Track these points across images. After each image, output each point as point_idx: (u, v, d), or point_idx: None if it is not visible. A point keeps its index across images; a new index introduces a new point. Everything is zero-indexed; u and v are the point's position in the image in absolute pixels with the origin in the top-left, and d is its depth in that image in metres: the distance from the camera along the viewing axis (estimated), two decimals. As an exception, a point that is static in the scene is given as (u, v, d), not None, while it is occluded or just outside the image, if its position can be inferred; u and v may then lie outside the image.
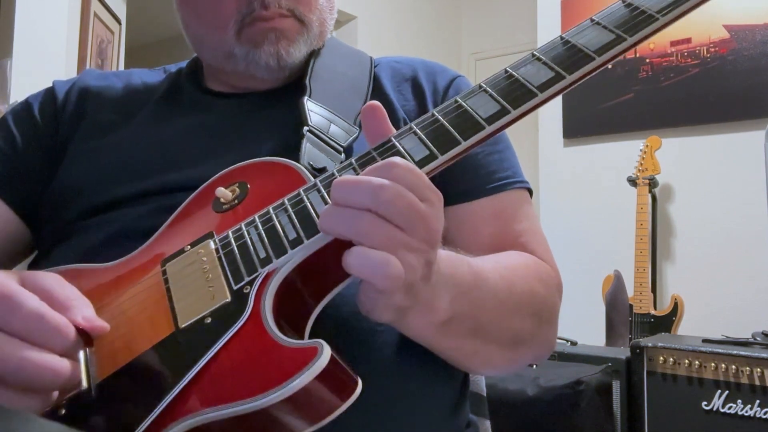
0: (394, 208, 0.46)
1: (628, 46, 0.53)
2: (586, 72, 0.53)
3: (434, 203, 0.49)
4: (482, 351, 0.63)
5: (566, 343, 2.10)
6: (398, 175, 0.48)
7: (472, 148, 0.53)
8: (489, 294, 0.60)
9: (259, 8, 0.72)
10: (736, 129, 2.65)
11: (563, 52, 0.54)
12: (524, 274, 0.67)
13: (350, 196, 0.47)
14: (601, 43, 0.53)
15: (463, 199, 0.73)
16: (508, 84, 0.54)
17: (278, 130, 0.72)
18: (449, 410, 0.69)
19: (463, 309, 0.57)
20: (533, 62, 0.55)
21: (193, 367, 0.47)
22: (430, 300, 0.53)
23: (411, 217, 0.47)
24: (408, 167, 0.49)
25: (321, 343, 0.45)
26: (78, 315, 0.49)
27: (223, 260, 0.54)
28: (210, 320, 0.51)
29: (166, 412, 0.46)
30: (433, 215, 0.49)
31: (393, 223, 0.47)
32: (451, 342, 0.60)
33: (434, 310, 0.54)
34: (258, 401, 0.43)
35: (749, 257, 2.57)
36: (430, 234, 0.48)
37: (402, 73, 0.81)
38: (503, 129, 0.53)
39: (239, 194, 0.61)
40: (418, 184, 0.48)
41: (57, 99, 0.81)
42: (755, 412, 1.66)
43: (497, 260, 0.66)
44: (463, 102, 0.55)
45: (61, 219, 0.72)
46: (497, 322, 0.62)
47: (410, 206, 0.47)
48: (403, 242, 0.47)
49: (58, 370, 0.46)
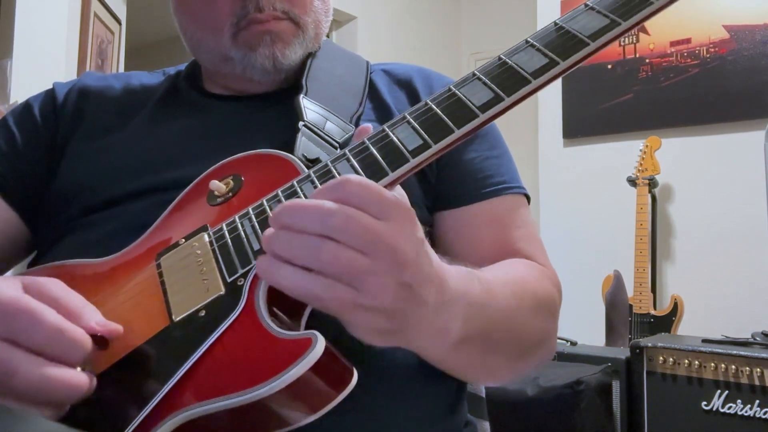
0: (348, 233, 0.44)
1: (622, 30, 0.52)
2: (580, 58, 0.52)
3: (396, 219, 0.45)
4: (492, 365, 0.63)
5: (566, 343, 2.10)
6: (350, 193, 0.45)
7: (466, 137, 0.52)
8: (500, 310, 0.59)
9: (253, 11, 0.72)
10: (736, 129, 2.65)
11: (557, 38, 0.54)
12: (531, 285, 0.66)
13: (300, 222, 0.45)
14: (595, 28, 0.52)
15: (458, 203, 0.73)
16: (502, 71, 0.54)
17: (275, 131, 0.72)
18: (446, 410, 0.69)
19: (477, 327, 0.55)
20: (527, 49, 0.54)
21: (188, 361, 0.48)
22: (439, 322, 0.50)
23: (369, 240, 0.44)
24: (361, 184, 0.45)
25: (315, 334, 0.45)
26: (91, 321, 0.50)
27: (217, 253, 0.54)
28: (204, 313, 0.51)
29: (161, 406, 0.46)
30: (395, 233, 0.45)
31: (352, 248, 0.44)
32: (462, 360, 0.59)
33: (446, 331, 0.52)
34: (252, 393, 0.43)
35: (749, 257, 2.57)
36: (395, 254, 0.44)
37: (398, 78, 0.82)
38: (497, 116, 0.53)
39: (233, 187, 0.60)
40: (374, 200, 0.45)
41: (57, 100, 0.81)
42: (755, 412, 1.66)
43: (505, 272, 0.65)
44: (456, 90, 0.54)
45: (60, 218, 0.73)
46: (508, 337, 0.61)
47: (366, 229, 0.44)
48: (365, 268, 0.44)
49: (79, 386, 0.46)
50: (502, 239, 0.72)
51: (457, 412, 0.71)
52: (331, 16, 0.82)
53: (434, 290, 0.48)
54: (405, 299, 0.46)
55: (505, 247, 0.71)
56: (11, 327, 0.46)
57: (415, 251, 0.46)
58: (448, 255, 0.63)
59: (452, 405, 0.70)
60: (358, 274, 0.44)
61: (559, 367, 1.91)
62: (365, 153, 0.53)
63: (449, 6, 4.42)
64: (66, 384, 0.45)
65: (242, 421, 0.45)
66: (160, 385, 0.47)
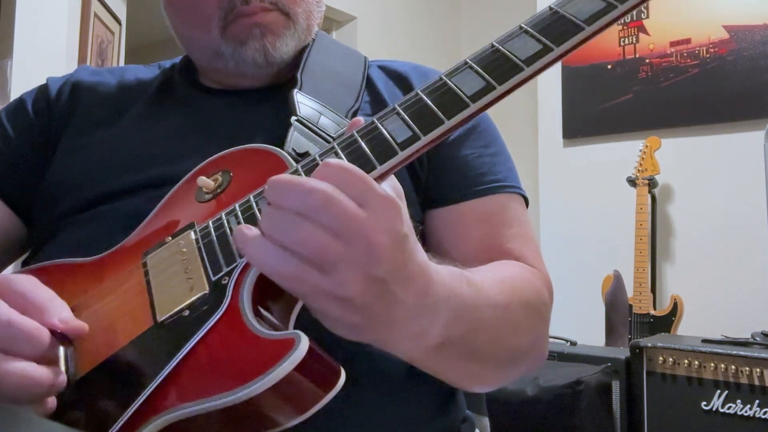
0: (325, 214, 0.42)
1: (619, 13, 0.50)
2: (575, 43, 0.50)
3: (376, 210, 0.43)
4: (477, 372, 0.61)
5: (566, 343, 2.10)
6: (331, 176, 0.43)
7: (457, 128, 0.51)
8: (487, 314, 0.57)
9: (240, 4, 0.71)
10: (736, 129, 2.65)
11: (551, 23, 0.51)
12: (521, 288, 0.64)
13: (281, 196, 0.43)
14: (591, 11, 0.50)
15: (450, 200, 0.72)
16: (494, 59, 0.52)
17: (268, 126, 0.72)
18: (439, 409, 0.68)
19: (459, 332, 0.53)
20: (521, 35, 0.52)
21: (170, 362, 0.47)
22: (416, 325, 0.48)
23: (344, 224, 0.42)
24: (344, 168, 0.44)
25: (298, 334, 0.44)
26: (54, 317, 0.48)
27: (203, 251, 0.53)
28: (188, 313, 0.49)
29: (143, 407, 0.45)
30: (373, 223, 0.43)
31: (328, 232, 0.42)
32: (443, 365, 0.57)
33: (423, 335, 0.50)
34: (235, 395, 0.42)
35: (749, 257, 2.57)
36: (370, 245, 0.42)
37: (394, 74, 0.81)
38: (490, 106, 0.51)
39: (222, 182, 0.59)
40: (357, 186, 0.43)
41: (50, 95, 0.80)
42: (755, 412, 1.66)
43: (495, 274, 0.63)
44: (447, 79, 0.52)
45: (52, 215, 0.72)
46: (494, 343, 0.59)
47: (344, 213, 0.42)
48: (337, 253, 0.42)
49: (34, 378, 0.45)
50: (492, 238, 0.71)
51: (451, 411, 0.70)
52: (324, 6, 0.80)
53: (414, 291, 0.46)
54: (375, 295, 0.44)
55: (495, 247, 0.70)
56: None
57: (394, 245, 0.44)
58: (437, 253, 0.63)
59: (446, 403, 0.69)
60: (329, 258, 0.42)
61: (559, 367, 1.91)
62: (354, 146, 0.52)
63: (449, 6, 4.42)
64: (20, 376, 0.44)
65: (227, 423, 0.44)
66: (142, 387, 0.46)
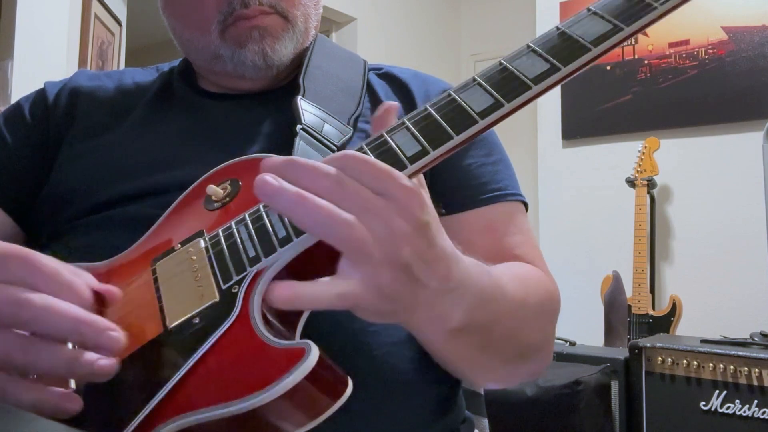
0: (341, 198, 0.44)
1: (625, 36, 0.51)
2: (582, 63, 0.51)
3: (397, 198, 0.45)
4: (488, 364, 0.62)
5: (565, 343, 2.11)
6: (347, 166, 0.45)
7: (465, 143, 0.51)
8: (505, 307, 0.58)
9: (239, 7, 0.71)
10: (735, 130, 2.66)
11: (559, 44, 0.52)
12: (536, 287, 0.65)
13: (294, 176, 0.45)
14: (597, 33, 0.51)
15: (453, 210, 0.72)
16: (503, 77, 0.52)
17: (271, 131, 0.72)
18: (439, 413, 0.68)
19: (479, 320, 0.54)
20: (528, 54, 0.53)
21: (180, 369, 0.47)
22: (439, 307, 0.50)
23: (363, 207, 0.44)
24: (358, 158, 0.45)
25: (309, 344, 0.44)
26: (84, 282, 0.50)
27: (213, 259, 0.53)
28: (198, 321, 0.50)
29: (153, 414, 0.45)
30: (390, 211, 0.44)
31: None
32: (459, 352, 0.58)
33: (445, 317, 0.51)
34: (245, 403, 0.42)
35: (747, 258, 2.58)
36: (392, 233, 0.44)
37: (394, 81, 0.81)
38: (497, 123, 0.52)
39: (231, 191, 0.60)
40: (373, 174, 0.45)
41: (48, 100, 0.79)
42: (753, 413, 1.67)
43: (511, 271, 0.64)
44: (456, 95, 0.53)
45: (56, 221, 0.72)
46: (509, 336, 0.60)
47: (358, 194, 0.44)
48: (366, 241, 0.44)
49: (80, 318, 0.46)
50: (498, 247, 0.71)
51: (451, 413, 0.71)
52: (321, 9, 0.80)
53: (438, 274, 0.48)
54: (403, 282, 0.46)
55: (500, 255, 0.70)
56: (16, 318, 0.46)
57: (415, 232, 0.45)
58: None
59: (445, 405, 0.70)
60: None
61: (558, 367, 1.92)
62: None
63: (449, 8, 4.43)
64: (55, 407, 0.45)
65: (235, 431, 0.44)
66: (151, 393, 0.46)
